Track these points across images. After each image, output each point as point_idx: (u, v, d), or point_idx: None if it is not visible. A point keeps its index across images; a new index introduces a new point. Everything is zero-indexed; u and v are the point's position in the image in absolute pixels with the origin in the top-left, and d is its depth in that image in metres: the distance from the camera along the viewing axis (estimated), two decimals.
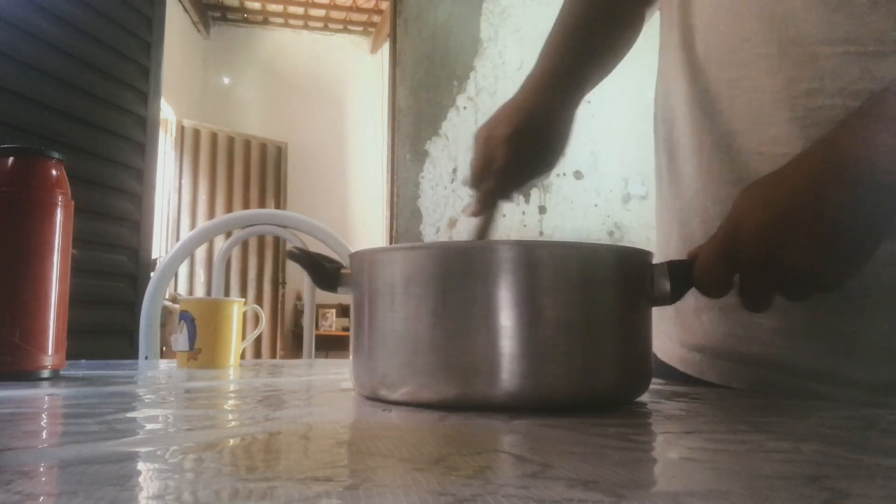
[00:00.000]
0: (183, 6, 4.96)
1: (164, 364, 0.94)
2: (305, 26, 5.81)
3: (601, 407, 0.44)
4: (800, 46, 0.55)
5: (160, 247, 4.15)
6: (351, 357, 0.49)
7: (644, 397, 0.54)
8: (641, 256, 0.48)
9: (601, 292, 0.45)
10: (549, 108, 0.71)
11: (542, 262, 0.44)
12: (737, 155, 0.59)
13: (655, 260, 0.49)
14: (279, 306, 5.22)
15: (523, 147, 0.69)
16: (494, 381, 0.42)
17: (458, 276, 0.44)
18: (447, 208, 3.25)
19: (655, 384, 0.68)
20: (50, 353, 0.61)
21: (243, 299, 0.90)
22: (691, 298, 0.70)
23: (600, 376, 0.45)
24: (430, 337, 0.44)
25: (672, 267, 0.49)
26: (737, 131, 0.59)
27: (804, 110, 0.55)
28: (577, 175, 3.38)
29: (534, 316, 0.42)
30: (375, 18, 5.61)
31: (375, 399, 0.47)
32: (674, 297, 0.48)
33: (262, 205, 5.13)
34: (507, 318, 0.42)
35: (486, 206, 0.72)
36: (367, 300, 0.47)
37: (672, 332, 0.70)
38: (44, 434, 0.36)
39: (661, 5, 0.72)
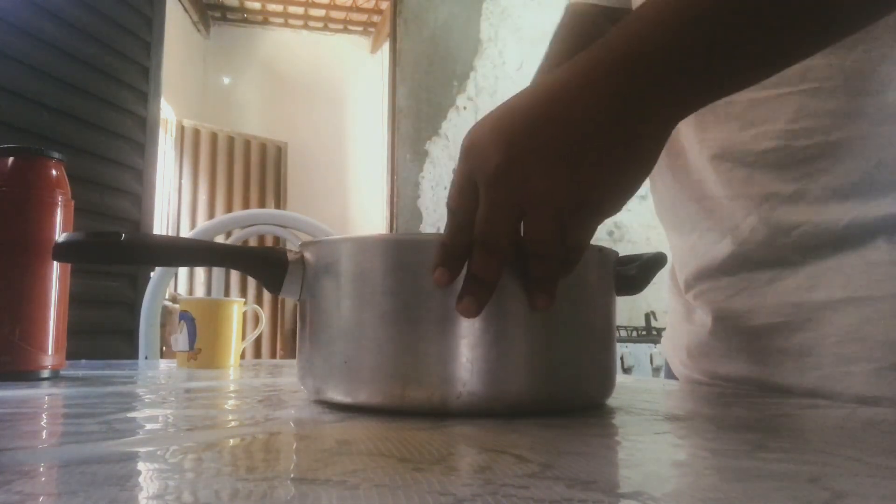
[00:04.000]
0: (183, 6, 4.96)
1: (164, 364, 0.94)
2: (305, 26, 5.81)
3: (564, 411, 0.42)
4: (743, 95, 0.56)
5: None
6: (297, 356, 0.47)
7: (644, 398, 0.54)
8: (606, 254, 0.46)
9: (562, 290, 0.42)
10: None
11: None
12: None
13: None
14: (279, 306, 5.21)
15: None
16: (449, 385, 0.39)
17: (411, 270, 0.41)
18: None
19: (655, 386, 0.68)
20: (50, 353, 0.61)
21: (243, 299, 0.90)
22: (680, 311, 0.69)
23: (562, 379, 0.42)
24: (379, 336, 0.41)
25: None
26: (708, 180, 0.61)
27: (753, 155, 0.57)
28: None
29: (491, 315, 0.39)
30: (375, 18, 5.61)
31: (322, 402, 0.45)
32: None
33: (262, 205, 5.13)
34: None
35: None
36: (312, 295, 0.45)
37: (678, 351, 0.70)
38: (44, 434, 0.36)
39: None
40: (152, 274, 1.35)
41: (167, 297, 2.53)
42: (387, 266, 0.42)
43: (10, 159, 0.61)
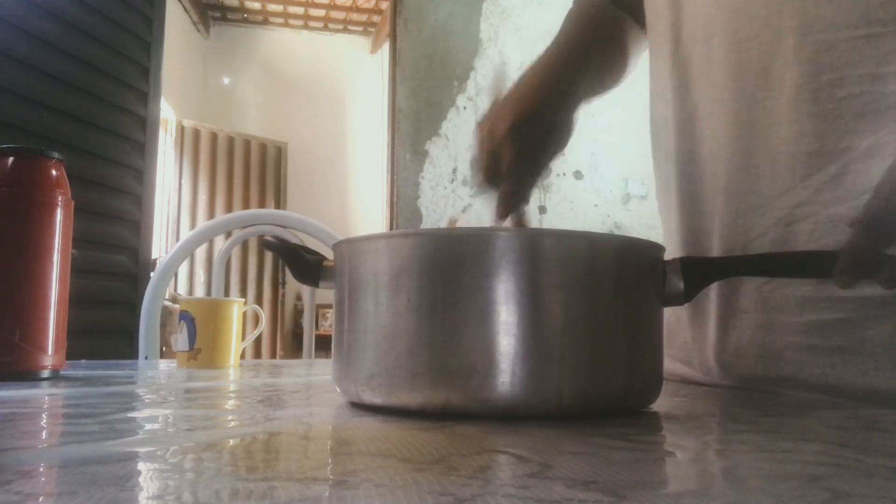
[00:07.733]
0: (183, 6, 4.95)
1: (164, 364, 0.94)
2: (305, 26, 5.81)
3: (608, 414, 0.41)
4: (815, 35, 0.52)
5: (160, 247, 4.15)
6: (332, 358, 0.46)
7: None
8: (653, 250, 0.44)
9: (608, 287, 0.41)
10: (548, 95, 0.69)
11: (543, 253, 0.39)
12: (749, 161, 0.57)
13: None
14: (279, 306, 5.21)
15: (530, 133, 0.66)
16: (489, 387, 0.38)
17: (450, 267, 0.39)
18: (447, 208, 3.25)
19: None
20: (50, 353, 0.61)
21: (243, 299, 0.90)
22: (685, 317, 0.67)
23: (608, 381, 0.40)
24: (417, 336, 0.39)
25: (685, 264, 0.44)
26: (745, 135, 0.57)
27: (829, 102, 0.51)
28: (577, 175, 3.37)
29: (533, 313, 0.38)
30: (375, 18, 5.60)
31: (359, 405, 0.44)
32: (687, 296, 0.44)
33: (262, 205, 5.13)
34: (503, 316, 0.38)
35: (511, 208, 0.65)
36: (348, 294, 0.43)
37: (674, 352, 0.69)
38: (44, 434, 0.36)
39: (651, 39, 0.72)
40: (152, 274, 1.35)
41: (167, 297, 2.53)
42: (419, 263, 0.40)
43: (10, 159, 0.61)
